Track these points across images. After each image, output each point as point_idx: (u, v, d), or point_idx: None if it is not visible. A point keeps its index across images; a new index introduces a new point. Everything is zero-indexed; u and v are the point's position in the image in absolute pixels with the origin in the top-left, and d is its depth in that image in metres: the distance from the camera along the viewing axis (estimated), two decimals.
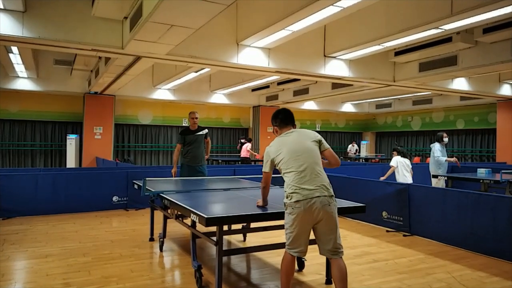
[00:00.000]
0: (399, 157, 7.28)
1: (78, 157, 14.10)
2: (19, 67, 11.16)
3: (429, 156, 8.28)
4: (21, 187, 6.63)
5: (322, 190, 2.90)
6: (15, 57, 9.91)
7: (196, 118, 6.24)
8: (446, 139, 7.91)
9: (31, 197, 6.66)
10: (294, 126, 3.27)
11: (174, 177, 6.13)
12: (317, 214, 2.86)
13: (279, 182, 5.33)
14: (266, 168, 3.20)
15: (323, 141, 3.16)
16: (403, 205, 5.76)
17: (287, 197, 2.96)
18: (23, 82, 12.78)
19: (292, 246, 2.95)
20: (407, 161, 7.26)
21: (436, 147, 7.87)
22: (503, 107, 13.78)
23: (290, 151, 3.03)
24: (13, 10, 6.18)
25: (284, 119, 3.25)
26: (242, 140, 14.87)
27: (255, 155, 15.06)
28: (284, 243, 2.99)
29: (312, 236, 3.01)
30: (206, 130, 6.37)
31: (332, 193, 2.96)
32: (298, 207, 2.86)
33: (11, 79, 12.58)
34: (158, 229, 5.04)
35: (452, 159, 7.88)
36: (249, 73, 10.09)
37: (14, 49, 9.06)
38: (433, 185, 7.80)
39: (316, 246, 3.04)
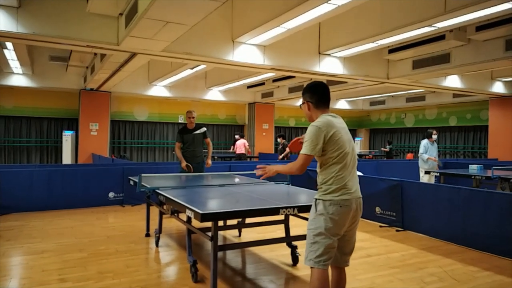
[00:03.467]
0: None
1: (74, 153, 14.05)
2: (14, 63, 11.08)
3: None
4: (16, 184, 6.63)
5: (359, 191, 2.59)
6: (10, 53, 9.85)
7: (193, 117, 6.29)
8: (435, 136, 8.05)
9: (26, 193, 6.67)
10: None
11: (188, 171, 6.10)
12: (357, 217, 2.54)
13: (274, 178, 5.38)
14: (313, 150, 2.42)
15: None
16: (396, 201, 5.84)
17: (330, 192, 2.42)
18: (18, 78, 12.72)
19: (324, 256, 2.38)
20: None
21: (423, 144, 8.03)
22: (495, 104, 13.89)
23: (346, 140, 2.51)
24: (7, 5, 6.15)
25: (322, 98, 2.68)
26: (236, 136, 14.10)
27: (249, 151, 14.42)
28: (279, 238, 2.85)
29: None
30: (205, 129, 6.42)
31: None
32: (347, 206, 2.42)
33: (6, 75, 12.51)
34: (154, 225, 5.09)
35: (432, 158, 7.99)
36: (245, 70, 10.10)
37: (9, 45, 9.00)
38: (421, 179, 7.95)
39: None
